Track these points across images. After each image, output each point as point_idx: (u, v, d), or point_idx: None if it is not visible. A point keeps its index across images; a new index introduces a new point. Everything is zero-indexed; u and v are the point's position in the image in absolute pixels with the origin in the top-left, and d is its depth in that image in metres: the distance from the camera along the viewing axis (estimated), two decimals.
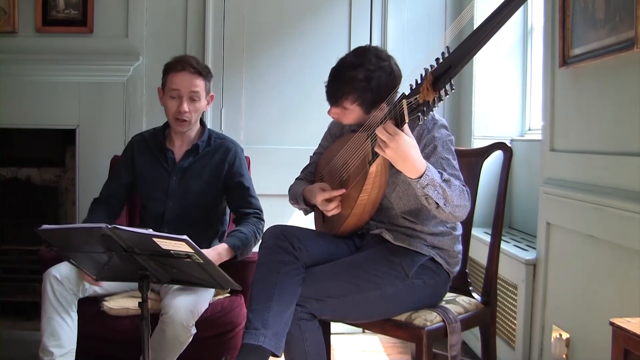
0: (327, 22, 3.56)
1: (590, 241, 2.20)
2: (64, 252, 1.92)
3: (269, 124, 3.57)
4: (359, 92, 2.05)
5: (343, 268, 2.07)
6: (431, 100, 1.73)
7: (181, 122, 2.55)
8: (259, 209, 2.62)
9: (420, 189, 1.88)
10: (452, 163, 2.03)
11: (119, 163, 2.75)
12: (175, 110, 2.53)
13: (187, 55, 2.74)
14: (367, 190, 2.03)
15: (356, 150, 2.06)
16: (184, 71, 2.51)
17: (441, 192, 1.89)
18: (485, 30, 1.74)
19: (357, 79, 2.04)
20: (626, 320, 1.45)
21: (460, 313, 2.14)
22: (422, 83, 1.75)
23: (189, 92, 2.52)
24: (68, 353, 2.28)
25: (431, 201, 1.91)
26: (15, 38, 3.40)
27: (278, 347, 1.93)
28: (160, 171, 2.63)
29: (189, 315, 2.25)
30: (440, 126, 2.08)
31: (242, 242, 2.43)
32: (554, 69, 2.49)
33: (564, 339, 2.31)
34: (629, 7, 1.94)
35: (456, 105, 3.58)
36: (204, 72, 2.56)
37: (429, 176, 1.86)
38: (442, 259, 2.12)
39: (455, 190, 1.92)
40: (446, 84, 1.70)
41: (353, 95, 2.06)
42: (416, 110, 1.77)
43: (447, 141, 2.06)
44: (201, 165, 2.62)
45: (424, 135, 2.06)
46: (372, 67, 2.04)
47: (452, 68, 1.71)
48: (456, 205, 1.92)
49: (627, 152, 2.02)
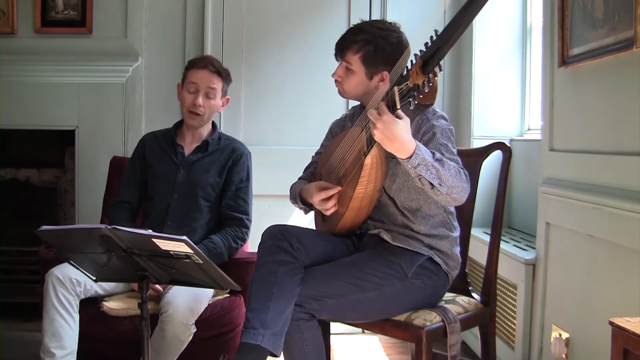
0: (326, 23, 3.56)
1: (589, 241, 2.20)
2: (63, 253, 1.91)
3: (269, 124, 3.57)
4: (363, 43, 2.11)
5: (342, 268, 2.07)
6: (420, 83, 1.76)
7: (194, 115, 2.63)
8: (246, 213, 2.66)
9: (412, 170, 1.88)
10: (450, 149, 2.02)
11: (130, 164, 2.78)
12: (191, 103, 2.62)
13: (211, 56, 2.88)
14: (364, 182, 2.02)
15: (352, 144, 2.07)
16: (205, 68, 2.63)
17: (434, 171, 1.88)
18: (470, 8, 1.77)
19: (364, 30, 2.13)
20: (626, 320, 1.45)
21: (460, 313, 2.14)
22: (412, 68, 1.80)
23: (206, 87, 2.62)
24: (70, 354, 2.28)
25: (425, 182, 1.90)
26: (14, 39, 3.40)
27: (276, 346, 1.93)
28: (169, 164, 2.68)
29: (189, 314, 2.26)
30: (439, 116, 2.10)
31: (210, 253, 2.45)
32: (553, 69, 2.49)
33: (564, 339, 2.31)
34: (628, 6, 1.94)
35: (455, 105, 3.58)
36: (224, 74, 2.68)
37: (420, 155, 1.85)
38: (440, 260, 2.12)
39: (450, 170, 1.91)
40: (435, 66, 1.75)
41: (357, 45, 2.11)
42: (407, 96, 1.80)
43: (446, 129, 2.07)
44: (209, 162, 2.67)
45: (424, 123, 2.07)
46: (381, 26, 2.15)
47: (441, 49, 1.76)
48: (452, 185, 1.91)
49: (626, 151, 2.02)
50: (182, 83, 2.69)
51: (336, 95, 2.25)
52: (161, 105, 3.49)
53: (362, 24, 2.18)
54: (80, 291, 2.34)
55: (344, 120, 2.38)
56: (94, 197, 3.20)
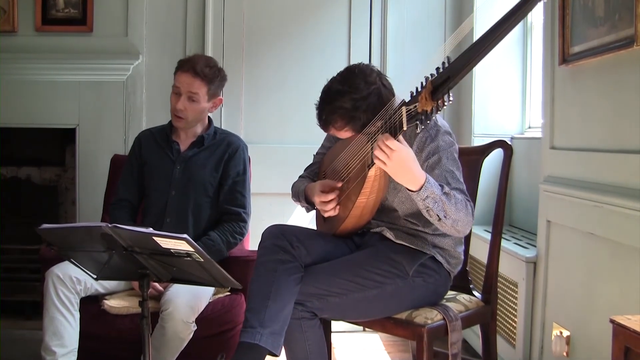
0: (326, 21, 3.56)
1: (590, 239, 2.20)
2: (64, 251, 1.92)
3: (269, 122, 3.57)
4: (347, 119, 2.02)
5: (344, 266, 2.07)
6: (429, 109, 1.72)
7: (177, 119, 2.62)
8: (243, 207, 2.65)
9: (420, 202, 1.89)
10: (456, 176, 2.02)
11: (127, 162, 2.77)
12: (173, 106, 2.61)
13: (200, 55, 2.77)
14: (366, 193, 2.03)
15: (357, 152, 2.06)
16: (187, 72, 2.58)
17: (441, 205, 1.89)
18: (486, 42, 1.75)
19: (343, 107, 2.00)
20: (626, 318, 1.45)
21: (461, 311, 2.14)
22: (421, 92, 1.74)
23: (187, 91, 2.58)
24: (70, 352, 2.28)
25: (432, 213, 1.91)
26: (15, 37, 3.40)
27: (275, 346, 1.93)
28: (166, 160, 2.67)
29: (189, 312, 2.26)
30: (444, 133, 2.07)
31: (208, 250, 2.44)
32: (554, 67, 2.49)
33: (565, 337, 2.31)
34: (628, 4, 1.94)
35: (456, 103, 3.57)
36: (208, 77, 2.58)
37: (429, 188, 1.87)
38: (442, 258, 2.12)
39: (456, 203, 1.92)
40: (444, 94, 1.69)
41: (341, 122, 2.03)
42: (414, 119, 1.76)
43: (451, 151, 2.05)
44: (205, 156, 2.67)
45: (427, 143, 2.05)
46: (359, 96, 1.99)
47: (451, 79, 1.69)
48: (456, 219, 1.93)
49: (627, 149, 2.02)
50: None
51: None
52: (162, 103, 3.47)
53: (338, 94, 2.01)
54: (80, 289, 2.34)
55: None
56: (94, 195, 3.20)
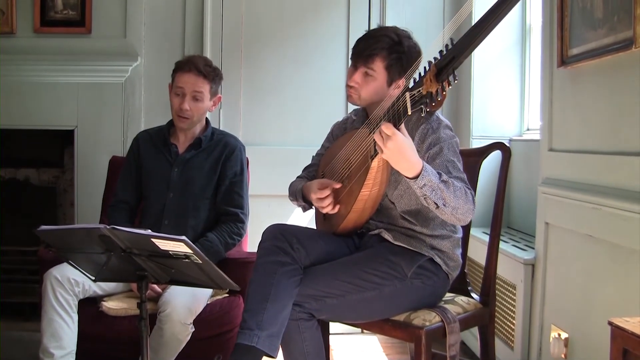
0: (325, 23, 3.56)
1: (588, 241, 2.20)
2: (62, 252, 1.91)
3: (268, 124, 3.57)
4: (389, 51, 2.08)
5: (342, 267, 2.07)
6: (434, 91, 1.71)
7: (183, 119, 2.62)
8: (241, 207, 2.65)
9: (418, 189, 1.88)
10: (457, 165, 2.02)
11: (126, 163, 2.78)
12: (178, 107, 2.61)
13: (198, 56, 2.80)
14: (369, 185, 2.02)
15: (359, 145, 2.05)
16: (190, 72, 2.59)
17: (439, 193, 1.88)
18: (490, 19, 1.74)
19: (390, 37, 2.09)
20: (625, 320, 1.45)
21: (459, 313, 2.14)
22: (426, 75, 1.74)
23: (192, 91, 2.59)
24: (68, 354, 2.28)
25: (430, 201, 1.90)
26: (13, 39, 3.40)
27: (272, 348, 1.93)
28: (163, 163, 2.68)
29: (187, 313, 2.26)
30: (445, 126, 2.08)
31: (206, 251, 2.43)
32: (552, 69, 2.49)
33: (563, 339, 2.31)
34: (627, 6, 1.94)
35: (455, 105, 3.58)
36: (210, 75, 2.62)
37: (426, 176, 1.85)
38: (441, 260, 2.12)
39: (455, 191, 1.91)
40: (449, 74, 1.69)
41: (384, 52, 2.08)
42: (419, 102, 1.75)
43: (452, 143, 2.06)
44: (203, 158, 2.67)
45: (429, 134, 2.06)
46: (402, 34, 2.11)
47: (456, 58, 1.71)
48: (455, 206, 1.91)
49: (625, 151, 2.02)
50: (172, 85, 2.67)
51: (335, 95, 2.25)
52: (160, 105, 3.48)
53: (383, 30, 2.15)
54: (78, 291, 2.33)
55: (345, 123, 2.37)
56: (93, 197, 3.20)
